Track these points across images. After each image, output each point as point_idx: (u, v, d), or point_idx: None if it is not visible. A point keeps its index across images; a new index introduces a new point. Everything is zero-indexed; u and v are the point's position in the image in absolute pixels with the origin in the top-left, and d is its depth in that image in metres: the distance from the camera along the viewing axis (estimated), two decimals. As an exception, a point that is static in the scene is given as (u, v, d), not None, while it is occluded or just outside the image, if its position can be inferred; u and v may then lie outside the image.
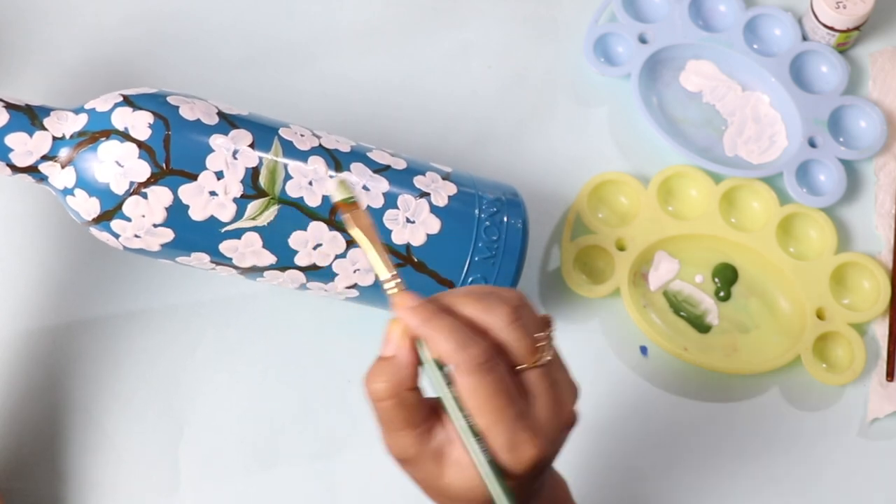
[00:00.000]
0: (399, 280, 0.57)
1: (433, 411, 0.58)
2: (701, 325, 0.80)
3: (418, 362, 0.57)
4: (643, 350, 0.79)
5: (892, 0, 0.88)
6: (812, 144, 0.83)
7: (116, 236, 0.67)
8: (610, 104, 0.85)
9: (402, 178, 0.71)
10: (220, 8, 0.85)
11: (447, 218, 0.71)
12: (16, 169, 0.67)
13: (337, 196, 0.58)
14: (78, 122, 0.67)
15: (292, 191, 0.68)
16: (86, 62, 0.83)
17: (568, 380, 0.59)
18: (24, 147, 0.66)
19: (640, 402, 0.77)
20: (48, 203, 0.78)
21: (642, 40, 0.85)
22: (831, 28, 0.84)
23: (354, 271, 0.70)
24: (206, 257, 0.69)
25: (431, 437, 0.58)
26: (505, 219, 0.72)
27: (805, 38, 0.86)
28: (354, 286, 0.70)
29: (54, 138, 0.67)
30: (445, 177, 0.73)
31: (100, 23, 0.84)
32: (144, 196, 0.66)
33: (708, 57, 0.86)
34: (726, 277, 0.81)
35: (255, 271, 0.70)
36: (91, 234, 0.69)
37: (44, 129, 0.67)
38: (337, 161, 0.70)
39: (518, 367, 0.56)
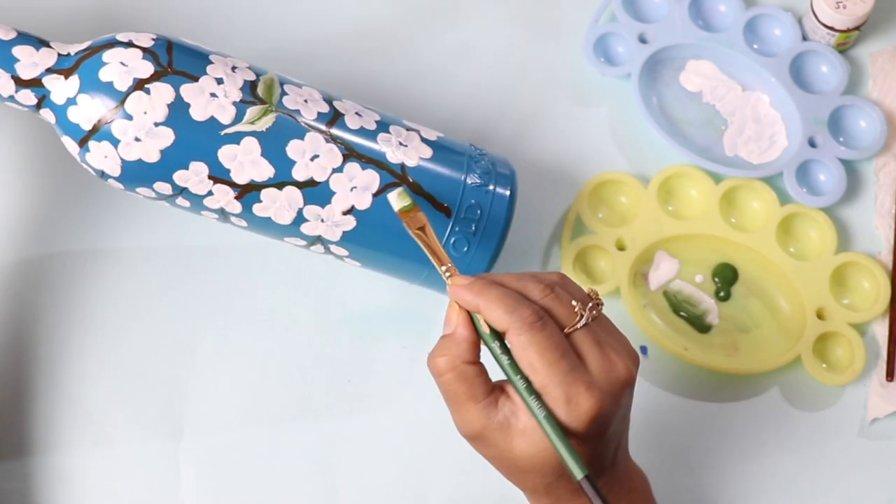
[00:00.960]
0: (453, 266, 0.65)
1: (498, 387, 0.62)
2: (701, 325, 0.80)
3: (477, 338, 0.62)
4: (643, 350, 0.79)
5: (892, 0, 0.88)
6: (812, 144, 0.83)
7: (116, 143, 0.68)
8: (610, 104, 0.85)
9: (392, 117, 0.74)
10: (220, 8, 0.85)
11: (438, 147, 0.73)
12: (20, 82, 0.68)
13: (397, 205, 0.67)
14: (82, 45, 0.70)
15: (289, 104, 0.70)
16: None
17: (619, 341, 0.63)
18: (31, 59, 0.69)
19: (640, 401, 0.76)
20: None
21: (642, 40, 0.85)
22: (831, 28, 0.84)
23: (352, 189, 0.70)
24: (204, 170, 0.68)
25: (497, 410, 0.61)
26: (491, 157, 0.75)
27: (805, 38, 0.86)
28: (351, 210, 0.70)
29: (59, 55, 0.69)
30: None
31: (100, 27, 0.84)
32: (147, 91, 0.68)
33: (708, 57, 0.86)
34: (726, 277, 0.81)
35: (252, 190, 0.69)
36: (84, 167, 0.70)
37: (49, 47, 0.69)
38: (331, 96, 0.73)
39: (565, 330, 0.61)
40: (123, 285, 0.79)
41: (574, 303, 0.62)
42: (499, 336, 0.62)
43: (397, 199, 0.68)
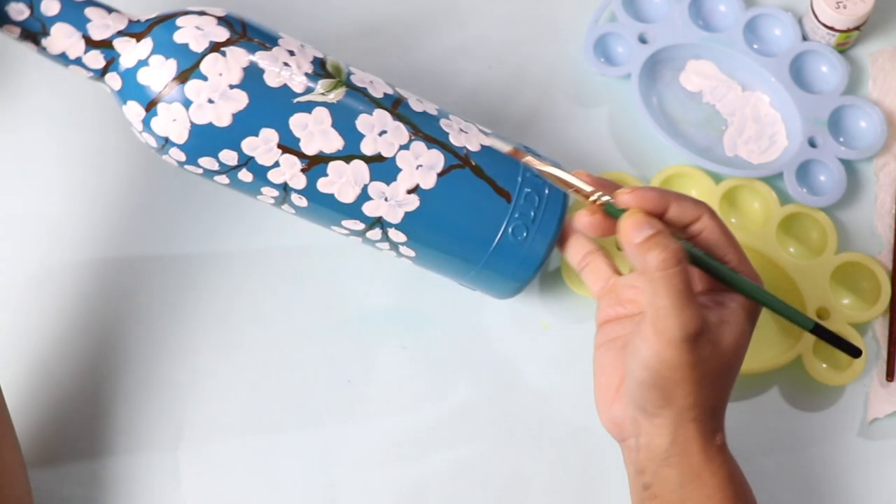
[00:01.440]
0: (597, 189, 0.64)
1: None
2: (701, 325, 0.80)
3: None
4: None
5: (892, 0, 0.88)
6: (812, 144, 0.84)
7: (188, 105, 0.67)
8: (610, 104, 0.85)
9: (448, 111, 0.75)
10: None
11: (494, 137, 0.73)
12: (91, 42, 0.68)
13: (506, 148, 0.67)
14: (151, 14, 0.70)
15: (357, 81, 0.71)
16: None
17: None
18: (103, 20, 0.68)
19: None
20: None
21: (642, 40, 0.85)
22: (831, 28, 0.84)
23: (418, 167, 0.70)
24: (274, 137, 0.68)
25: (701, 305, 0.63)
26: (541, 154, 0.74)
27: (805, 38, 0.86)
28: (416, 190, 0.70)
29: (130, 21, 0.69)
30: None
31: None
32: (223, 54, 0.68)
33: (708, 57, 0.86)
34: (726, 277, 0.81)
35: (320, 163, 0.69)
36: (144, 138, 0.69)
37: (120, 13, 0.69)
38: (391, 83, 0.73)
39: None
40: (122, 283, 0.79)
41: None
42: None
43: (505, 144, 0.67)
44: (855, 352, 0.67)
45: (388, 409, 0.78)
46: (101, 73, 0.69)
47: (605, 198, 0.64)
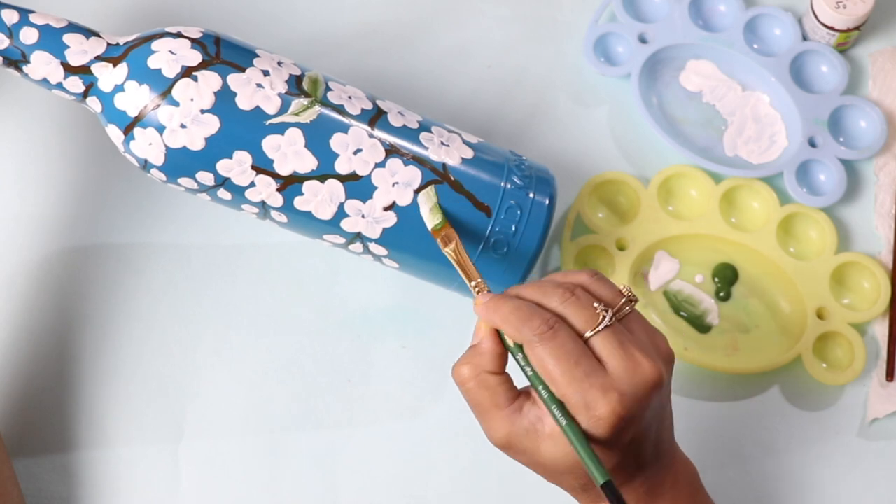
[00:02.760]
0: (482, 281, 0.65)
1: (524, 393, 0.62)
2: (701, 325, 0.80)
3: (501, 349, 0.62)
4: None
5: (892, 0, 0.88)
6: (812, 144, 0.84)
7: (161, 130, 0.68)
8: (610, 104, 0.85)
9: (433, 120, 0.75)
10: (219, 8, 0.85)
11: (478, 149, 0.73)
12: (69, 69, 0.69)
13: (430, 223, 0.68)
14: (131, 37, 0.71)
15: (333, 98, 0.71)
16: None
17: (651, 339, 0.62)
18: (80, 46, 0.69)
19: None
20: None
21: (642, 40, 0.85)
22: (831, 28, 0.84)
23: (394, 185, 0.70)
24: (247, 160, 0.69)
25: (522, 416, 0.61)
26: (530, 163, 0.75)
27: (805, 38, 0.86)
28: (392, 206, 0.70)
29: (108, 44, 0.70)
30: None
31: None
32: (195, 79, 0.68)
33: (708, 57, 0.86)
34: (726, 277, 0.81)
35: (295, 182, 0.69)
36: (127, 157, 0.70)
37: (99, 37, 0.70)
38: (373, 95, 0.73)
39: (585, 334, 0.60)
40: (122, 284, 0.79)
41: (595, 305, 0.61)
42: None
43: (430, 217, 0.68)
44: None
45: (388, 408, 0.78)
46: (82, 97, 0.70)
47: (475, 293, 0.64)
